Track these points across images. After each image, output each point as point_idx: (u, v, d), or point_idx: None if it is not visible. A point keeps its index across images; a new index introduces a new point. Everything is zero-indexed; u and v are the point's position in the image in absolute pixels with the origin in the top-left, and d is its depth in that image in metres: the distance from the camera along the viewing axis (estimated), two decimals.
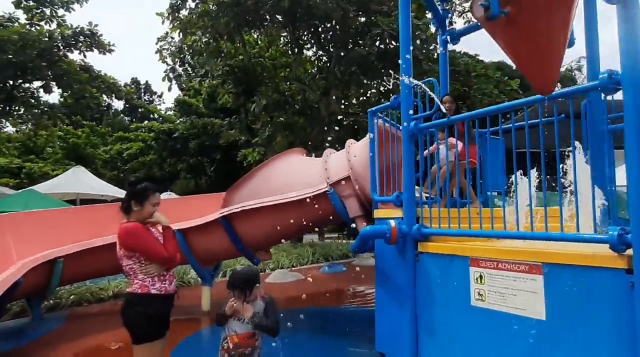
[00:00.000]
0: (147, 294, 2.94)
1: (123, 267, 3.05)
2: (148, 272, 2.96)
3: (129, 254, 2.95)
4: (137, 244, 2.93)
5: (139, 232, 2.95)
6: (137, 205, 3.03)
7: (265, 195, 5.45)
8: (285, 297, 7.60)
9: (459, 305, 3.52)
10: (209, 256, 6.19)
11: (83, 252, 5.78)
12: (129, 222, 3.02)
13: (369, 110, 4.83)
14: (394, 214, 4.30)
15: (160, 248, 3.01)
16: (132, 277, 3.00)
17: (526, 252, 3.04)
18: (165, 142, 24.28)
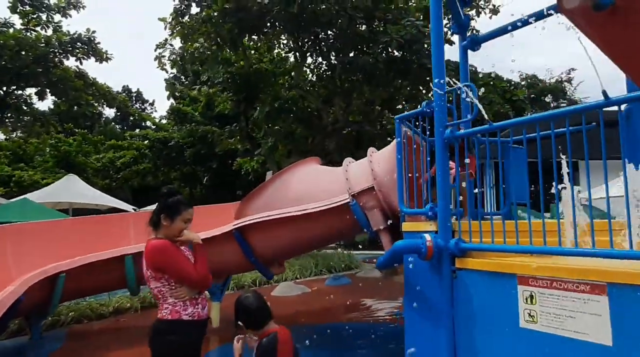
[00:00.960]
0: (179, 320, 2.63)
1: (151, 290, 2.75)
2: (179, 296, 2.66)
3: (157, 275, 2.65)
4: (166, 263, 2.63)
5: (167, 251, 2.65)
6: (167, 220, 2.74)
7: (281, 206, 5.18)
8: (295, 312, 7.29)
9: (505, 326, 3.27)
10: (219, 270, 5.87)
11: (87, 266, 5.44)
12: (156, 239, 2.74)
13: (396, 117, 4.61)
14: (424, 227, 4.05)
15: (191, 269, 2.70)
16: (161, 302, 2.70)
17: (588, 270, 2.80)
18: (160, 150, 23.88)
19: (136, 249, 5.75)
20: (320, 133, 12.54)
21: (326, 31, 10.96)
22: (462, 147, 4.85)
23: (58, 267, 5.24)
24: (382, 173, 4.75)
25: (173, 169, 27.53)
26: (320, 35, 11.38)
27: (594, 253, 2.84)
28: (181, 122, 23.67)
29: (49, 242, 5.87)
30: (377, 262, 4.58)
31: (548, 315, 3.01)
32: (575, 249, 2.93)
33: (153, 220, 2.82)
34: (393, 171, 4.68)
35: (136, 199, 24.74)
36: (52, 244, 5.88)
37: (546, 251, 3.13)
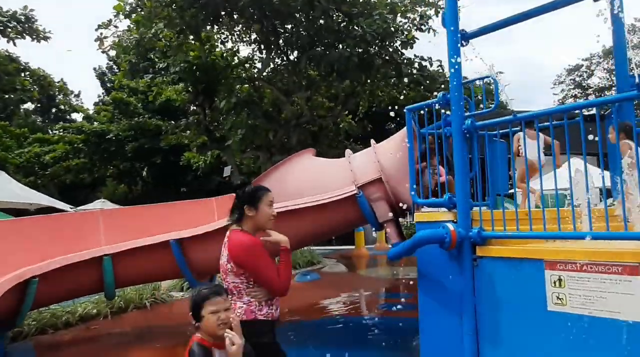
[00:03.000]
0: (255, 320, 2.51)
1: (226, 283, 2.62)
2: (255, 296, 2.55)
3: (239, 270, 2.53)
4: (250, 263, 2.53)
5: (255, 250, 2.56)
6: (252, 209, 2.63)
7: (280, 199, 4.98)
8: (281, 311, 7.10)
9: (532, 311, 3.38)
10: (208, 267, 5.56)
11: (61, 269, 4.89)
12: (243, 232, 2.63)
13: (406, 108, 4.61)
14: (442, 217, 4.09)
15: (274, 274, 2.58)
16: (235, 299, 2.55)
17: (620, 253, 2.96)
18: (97, 144, 22.18)
19: (114, 249, 5.29)
20: (282, 127, 12.33)
21: (294, 22, 10.77)
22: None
23: (30, 271, 4.66)
24: (388, 164, 4.73)
25: (110, 165, 25.76)
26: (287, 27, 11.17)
27: (623, 236, 3.03)
28: (122, 114, 22.12)
29: (11, 244, 5.21)
30: (390, 254, 4.56)
31: (578, 297, 3.15)
32: (603, 232, 3.11)
33: (236, 215, 2.70)
34: (401, 163, 4.69)
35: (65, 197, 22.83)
36: (15, 245, 5.23)
37: (574, 236, 3.28)
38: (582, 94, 42.67)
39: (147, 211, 6.47)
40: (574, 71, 42.42)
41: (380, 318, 6.58)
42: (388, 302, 7.76)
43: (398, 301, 8.16)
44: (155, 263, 5.41)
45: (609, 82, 41.23)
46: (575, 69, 42.25)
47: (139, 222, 6.16)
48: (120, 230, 6.02)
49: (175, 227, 5.85)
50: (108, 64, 33.14)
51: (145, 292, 7.31)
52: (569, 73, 42.76)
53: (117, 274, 5.26)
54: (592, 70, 41.83)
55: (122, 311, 6.80)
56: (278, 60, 13.23)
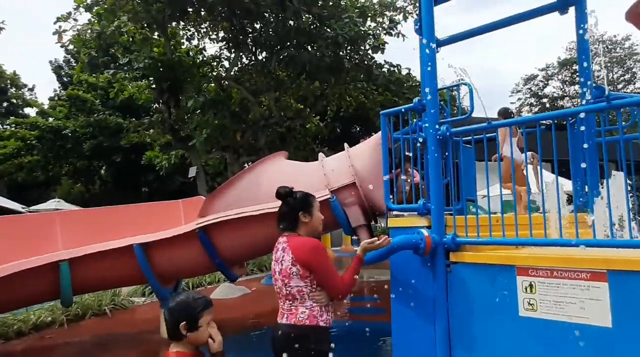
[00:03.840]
0: (317, 326, 2.52)
1: (287, 288, 2.57)
2: (318, 300, 2.56)
3: (305, 273, 2.52)
4: (318, 263, 2.53)
5: (321, 251, 2.60)
6: (307, 215, 2.67)
7: (252, 203, 4.87)
8: (247, 315, 6.94)
9: (504, 316, 3.43)
10: (174, 273, 5.37)
11: (14, 276, 4.55)
12: (299, 237, 2.65)
13: (381, 112, 4.59)
14: (415, 222, 4.10)
15: (338, 277, 2.63)
16: (297, 304, 2.55)
17: (589, 259, 3.04)
18: (52, 141, 21.06)
19: (73, 254, 4.99)
20: (250, 128, 12.12)
21: (264, 22, 10.61)
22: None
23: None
24: (362, 169, 4.70)
25: (66, 163, 24.52)
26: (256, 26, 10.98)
27: (597, 243, 3.12)
28: (79, 110, 21.10)
29: None
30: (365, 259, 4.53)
31: (548, 303, 3.21)
32: (577, 240, 3.19)
33: (289, 222, 2.70)
34: (375, 167, 4.67)
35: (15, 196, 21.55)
36: None
37: (547, 243, 3.35)
38: (537, 102, 44.67)
39: (108, 213, 6.17)
40: (530, 80, 44.37)
41: (349, 323, 6.55)
42: (355, 306, 7.75)
43: (364, 304, 8.16)
44: (117, 269, 5.15)
45: (562, 92, 43.43)
46: (531, 79, 44.21)
47: (99, 225, 5.86)
48: (79, 233, 5.70)
49: (138, 230, 5.60)
50: (65, 58, 31.66)
51: (105, 298, 6.96)
52: (526, 82, 44.68)
53: (75, 280, 4.96)
54: (547, 80, 43.94)
55: (79, 319, 6.44)
56: (246, 60, 13.03)
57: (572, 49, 41.90)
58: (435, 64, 4.06)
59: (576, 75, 42.51)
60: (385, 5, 10.69)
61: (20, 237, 5.45)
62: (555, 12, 4.93)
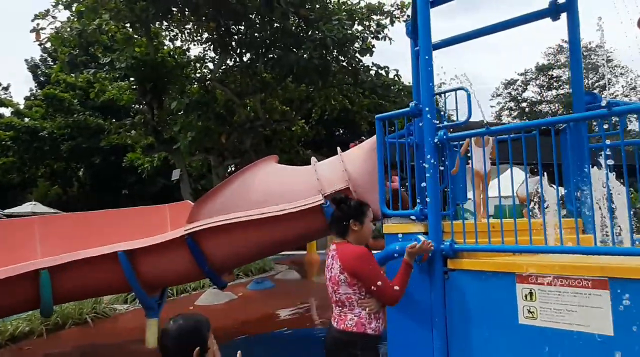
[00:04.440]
0: (364, 333, 2.56)
1: (337, 295, 2.65)
2: (368, 307, 2.59)
3: (352, 281, 2.57)
4: (366, 271, 2.58)
5: (369, 259, 2.65)
6: (357, 224, 2.71)
7: (242, 208, 4.73)
8: (234, 322, 6.78)
9: (503, 324, 3.39)
10: (160, 281, 5.18)
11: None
12: (348, 244, 2.68)
13: (377, 116, 4.52)
14: (411, 228, 4.03)
15: (387, 283, 2.66)
16: (346, 310, 2.62)
17: (589, 267, 3.02)
18: (28, 142, 20.38)
19: (53, 261, 4.76)
20: (236, 130, 11.93)
21: (249, 23, 10.45)
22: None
23: None
24: (356, 174, 4.62)
25: (42, 165, 23.78)
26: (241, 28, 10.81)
27: (597, 251, 3.10)
28: (56, 110, 20.47)
29: None
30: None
31: (549, 310, 3.18)
32: (579, 247, 3.17)
33: (340, 228, 2.74)
34: (369, 172, 4.60)
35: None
36: None
37: (549, 251, 3.32)
38: (516, 106, 45.55)
39: (91, 218, 5.95)
40: (510, 85, 45.21)
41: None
42: None
43: None
44: (101, 277, 4.93)
45: (540, 97, 44.40)
46: (511, 83, 45.05)
47: (81, 231, 5.64)
48: (59, 239, 5.47)
49: (123, 236, 5.39)
50: (42, 56, 30.80)
51: (86, 306, 6.69)
52: (506, 87, 45.53)
53: (56, 289, 4.73)
54: (526, 85, 44.85)
55: (59, 328, 6.17)
56: (230, 61, 12.85)
57: (550, 54, 42.92)
58: (432, 67, 4.00)
59: (553, 80, 43.58)
60: (373, 9, 10.69)
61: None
62: (547, 18, 4.98)
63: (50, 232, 5.54)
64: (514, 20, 5.03)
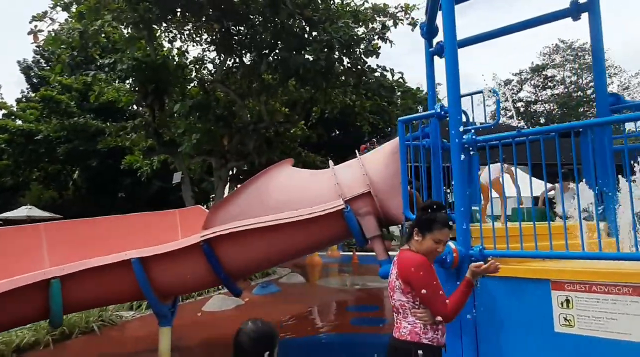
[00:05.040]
0: (419, 343, 2.48)
1: (392, 300, 2.63)
2: (421, 318, 2.52)
3: (406, 288, 2.53)
4: (418, 280, 2.48)
5: (424, 269, 2.53)
6: (419, 235, 2.60)
7: (259, 214, 4.61)
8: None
9: (537, 332, 3.31)
10: (174, 288, 5.04)
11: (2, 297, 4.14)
12: (411, 252, 2.61)
13: (399, 119, 4.42)
14: None
15: (442, 299, 2.53)
16: (400, 318, 2.58)
17: (629, 273, 2.94)
18: (23, 145, 20.08)
19: (64, 270, 4.60)
20: (238, 132, 11.78)
21: (251, 25, 10.32)
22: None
23: None
24: (377, 177, 4.52)
25: (37, 168, 23.45)
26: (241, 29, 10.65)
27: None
28: (52, 112, 20.18)
29: None
30: (381, 272, 4.34)
31: (587, 318, 3.10)
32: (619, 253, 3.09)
33: (407, 233, 2.75)
34: (391, 176, 4.50)
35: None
36: None
37: (587, 257, 3.22)
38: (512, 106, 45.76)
39: (99, 223, 5.80)
40: (506, 85, 45.41)
41: (355, 335, 6.35)
42: (355, 317, 7.56)
43: (365, 315, 7.98)
44: (113, 285, 4.78)
45: (535, 97, 44.64)
46: (507, 83, 45.24)
47: (89, 237, 5.49)
48: (67, 246, 5.32)
49: (133, 242, 5.25)
50: (34, 58, 30.43)
51: (92, 315, 6.52)
52: (501, 87, 45.69)
53: (66, 299, 4.57)
54: (522, 85, 45.09)
55: (65, 338, 5.99)
56: (229, 62, 12.70)
57: (546, 54, 43.15)
58: (457, 66, 3.91)
59: (548, 80, 43.84)
60: (379, 10, 10.60)
61: (1, 252, 5.03)
62: (568, 17, 4.91)
63: (57, 239, 5.38)
64: (533, 20, 4.96)
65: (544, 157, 3.34)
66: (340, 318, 7.66)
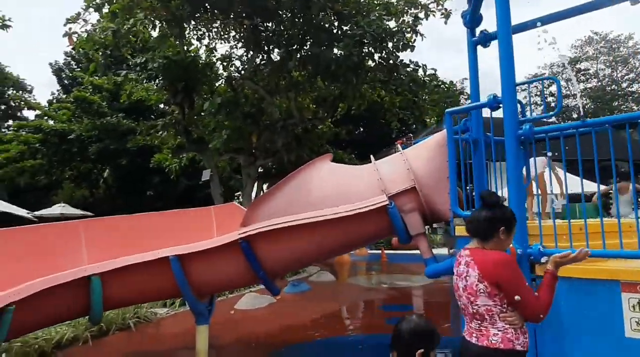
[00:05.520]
0: (513, 350, 2.27)
1: (474, 306, 2.34)
2: (511, 322, 2.29)
3: (494, 291, 2.28)
4: (512, 280, 2.27)
5: (516, 267, 2.36)
6: (505, 233, 2.38)
7: (298, 210, 4.47)
8: (283, 328, 6.57)
9: (605, 337, 3.06)
10: (212, 286, 4.97)
11: (41, 293, 4.13)
12: (485, 250, 2.37)
13: (447, 111, 4.22)
14: None
15: (533, 295, 2.33)
16: (487, 324, 2.32)
17: None
18: (57, 145, 20.60)
19: (104, 267, 4.58)
20: (268, 128, 11.72)
21: (280, 20, 10.22)
22: None
23: (5, 298, 3.89)
24: (422, 172, 4.32)
25: (69, 167, 24.05)
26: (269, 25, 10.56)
27: None
28: (84, 112, 20.64)
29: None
30: (429, 272, 4.15)
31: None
32: None
33: (484, 232, 2.40)
34: (437, 170, 4.30)
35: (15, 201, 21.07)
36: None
37: None
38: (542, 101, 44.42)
39: (135, 220, 5.76)
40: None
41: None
42: (389, 316, 7.35)
43: (401, 314, 7.76)
44: (151, 282, 4.73)
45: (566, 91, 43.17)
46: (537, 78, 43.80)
47: (125, 234, 5.46)
48: (104, 244, 5.30)
49: (168, 239, 5.20)
50: (65, 60, 31.27)
51: (128, 311, 6.54)
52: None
53: (105, 295, 4.55)
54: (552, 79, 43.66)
55: (103, 334, 6.02)
56: (258, 59, 12.65)
57: (578, 46, 41.66)
58: (512, 54, 3.67)
59: (580, 73, 42.30)
60: (410, 1, 10.31)
61: (41, 250, 5.06)
62: (626, 1, 4.59)
63: (95, 236, 5.37)
64: (590, 4, 4.66)
65: (612, 151, 3.09)
66: (375, 318, 7.49)
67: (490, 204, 2.44)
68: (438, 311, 7.58)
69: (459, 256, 2.50)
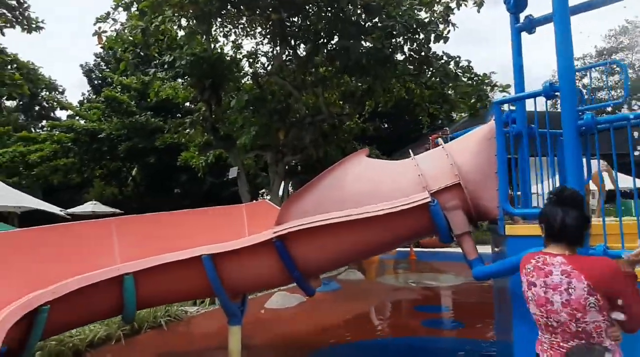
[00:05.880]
0: None
1: (580, 324, 1.99)
2: (616, 338, 2.03)
3: (605, 305, 1.97)
4: (627, 290, 1.99)
5: (630, 276, 2.06)
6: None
7: (336, 208, 4.27)
8: (316, 328, 6.43)
9: None
10: (245, 286, 4.85)
11: (75, 292, 4.08)
12: (585, 257, 2.11)
13: (494, 101, 3.95)
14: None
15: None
16: (593, 341, 2.01)
17: None
18: (87, 143, 21.07)
19: (137, 266, 4.50)
20: (295, 125, 11.59)
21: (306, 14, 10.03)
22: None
23: (40, 298, 3.85)
24: (468, 167, 4.06)
25: (99, 166, 24.61)
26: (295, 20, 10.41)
27: None
28: (114, 112, 21.03)
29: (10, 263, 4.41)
30: (477, 273, 3.89)
31: None
32: None
33: (574, 235, 2.10)
34: (484, 165, 4.03)
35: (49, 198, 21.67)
36: (15, 264, 4.43)
37: None
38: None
39: (165, 219, 5.70)
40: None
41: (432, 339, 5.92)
42: (426, 318, 7.09)
43: (436, 316, 7.50)
44: (183, 282, 4.64)
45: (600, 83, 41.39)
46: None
47: (156, 233, 5.39)
48: (136, 242, 5.24)
49: (199, 238, 5.09)
50: (95, 61, 32.04)
51: (159, 310, 6.50)
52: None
53: (139, 294, 4.48)
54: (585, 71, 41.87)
55: (135, 333, 5.99)
56: (284, 56, 12.52)
57: (612, 36, 39.88)
58: (570, 36, 3.37)
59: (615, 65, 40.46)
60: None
61: (74, 249, 5.03)
62: None
63: (126, 234, 5.32)
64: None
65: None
66: (410, 319, 7.25)
67: (579, 204, 2.14)
68: (472, 313, 7.28)
69: (544, 265, 2.13)
